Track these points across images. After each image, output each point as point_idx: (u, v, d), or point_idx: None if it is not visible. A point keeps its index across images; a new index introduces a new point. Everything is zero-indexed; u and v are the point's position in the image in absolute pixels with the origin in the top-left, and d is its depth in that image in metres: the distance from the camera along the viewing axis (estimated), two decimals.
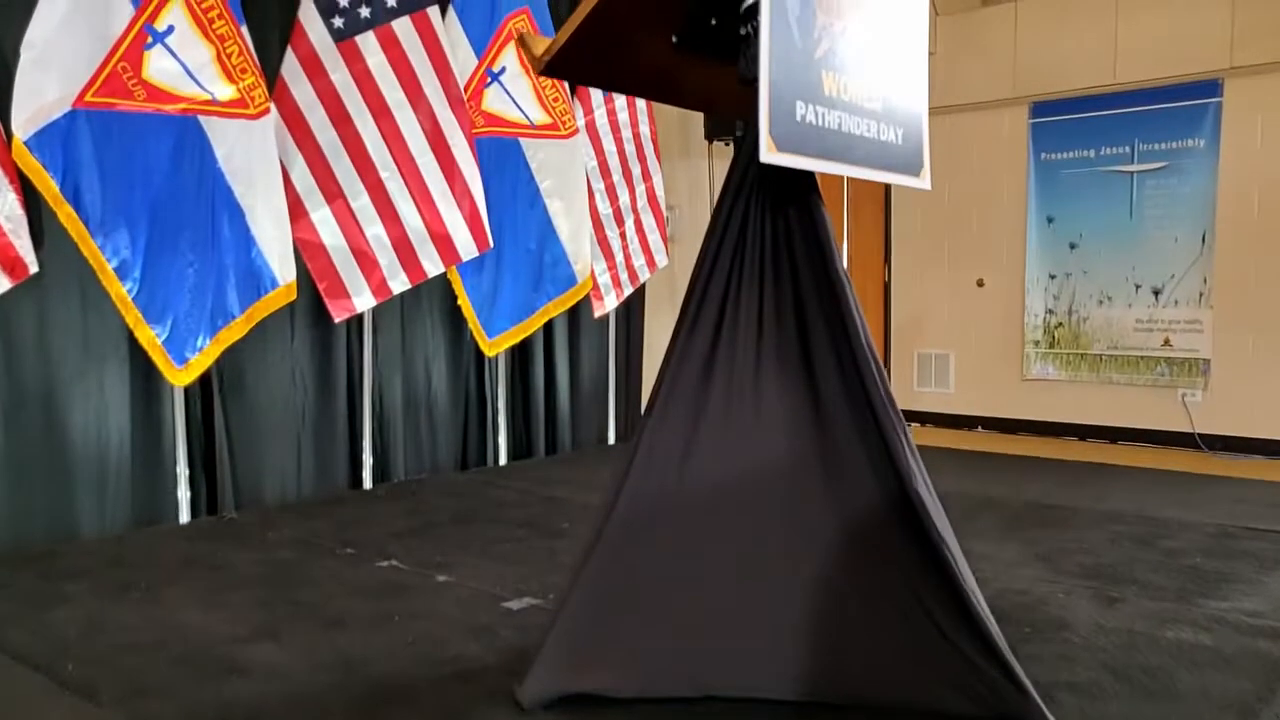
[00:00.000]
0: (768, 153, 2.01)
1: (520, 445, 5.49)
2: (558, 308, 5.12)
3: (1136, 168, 6.65)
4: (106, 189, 3.57)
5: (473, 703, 2.25)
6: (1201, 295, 6.44)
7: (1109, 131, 6.72)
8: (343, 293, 4.28)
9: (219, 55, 3.80)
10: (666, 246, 5.86)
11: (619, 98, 5.46)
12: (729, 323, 2.26)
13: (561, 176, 5.01)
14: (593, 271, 5.26)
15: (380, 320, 4.72)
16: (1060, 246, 6.98)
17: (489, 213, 4.61)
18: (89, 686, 2.36)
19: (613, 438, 5.96)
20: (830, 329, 2.25)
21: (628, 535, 2.26)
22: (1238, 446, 6.28)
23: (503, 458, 5.26)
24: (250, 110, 3.89)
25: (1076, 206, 6.89)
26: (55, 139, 3.47)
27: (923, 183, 2.45)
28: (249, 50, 3.86)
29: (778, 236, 2.28)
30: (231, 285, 3.92)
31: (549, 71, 2.28)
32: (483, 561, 3.34)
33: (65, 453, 3.75)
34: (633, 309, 6.08)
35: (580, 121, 5.13)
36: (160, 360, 3.72)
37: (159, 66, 3.68)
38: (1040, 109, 7.01)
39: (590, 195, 5.27)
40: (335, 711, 2.23)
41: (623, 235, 5.52)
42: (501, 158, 4.83)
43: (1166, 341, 6.60)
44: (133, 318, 3.66)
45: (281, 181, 4.01)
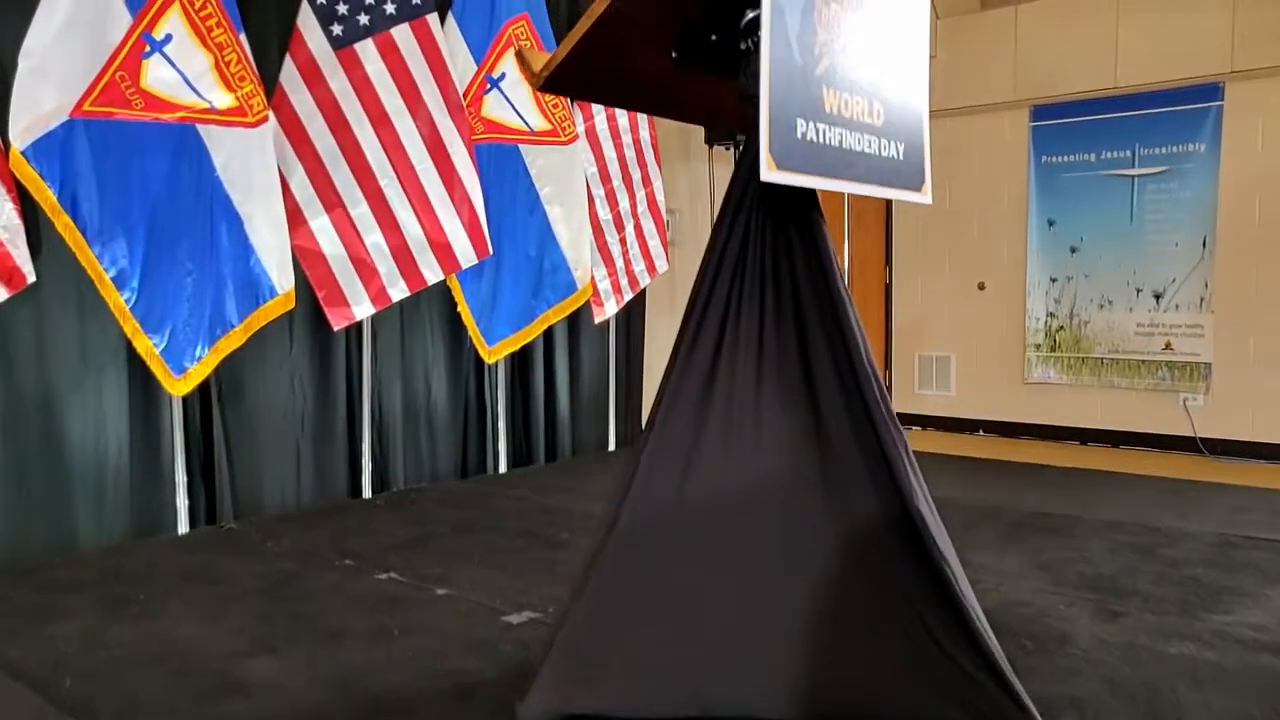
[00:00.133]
0: (768, 171, 1.99)
1: (520, 452, 5.47)
2: (558, 314, 5.11)
3: (1137, 171, 6.64)
4: (104, 198, 3.56)
5: None
6: (1203, 299, 6.43)
7: (1110, 135, 6.72)
8: (342, 301, 4.26)
9: (217, 63, 3.78)
10: (667, 251, 5.85)
11: None
12: (729, 339, 2.24)
13: (561, 183, 4.99)
14: (593, 277, 5.24)
15: (379, 327, 4.71)
16: (1061, 250, 6.97)
17: (489, 219, 4.59)
18: (86, 704, 2.35)
19: (613, 444, 5.95)
20: (831, 346, 2.24)
21: (627, 552, 2.25)
22: (1239, 450, 6.28)
23: (503, 465, 5.25)
24: (249, 118, 3.88)
25: (1077, 210, 6.88)
26: (53, 148, 3.46)
27: (924, 198, 2.44)
28: (247, 58, 3.85)
29: (778, 253, 2.26)
30: (230, 294, 3.91)
31: (547, 87, 2.27)
32: (482, 573, 3.33)
33: (64, 462, 3.74)
34: (633, 314, 6.06)
35: (580, 127, 5.12)
36: (158, 370, 3.71)
37: (157, 75, 3.67)
38: (1041, 112, 7.00)
39: (590, 201, 5.25)
40: None
41: (623, 241, 5.51)
42: (501, 164, 4.82)
43: (1168, 345, 6.59)
44: (130, 327, 3.64)
45: (280, 190, 4.00)
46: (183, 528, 3.92)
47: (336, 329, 4.33)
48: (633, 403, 6.15)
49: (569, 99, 5.04)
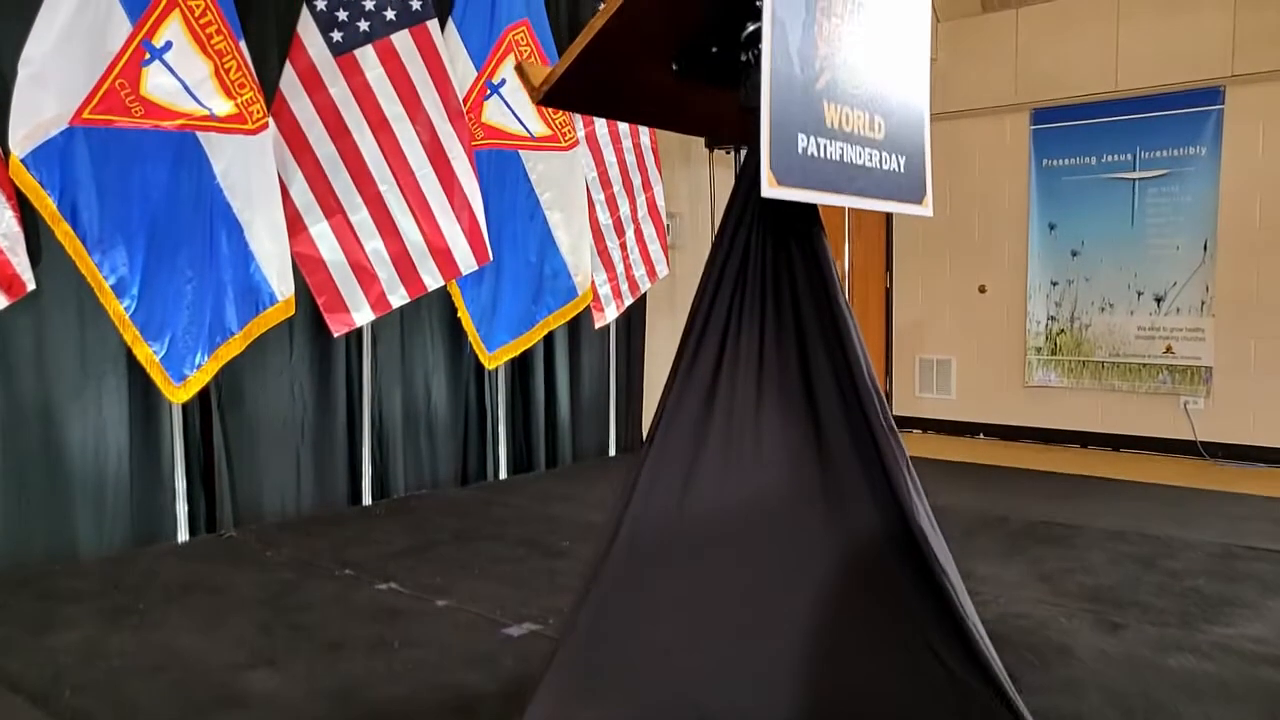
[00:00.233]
0: (769, 187, 1.98)
1: (520, 458, 5.46)
2: (558, 320, 5.10)
3: (1138, 175, 6.64)
4: (104, 206, 3.55)
5: None
6: (1203, 303, 6.43)
7: (1111, 138, 6.72)
8: (342, 307, 4.26)
9: (217, 70, 3.78)
10: (667, 256, 5.84)
11: None
12: (729, 355, 2.24)
13: (561, 188, 4.99)
14: (593, 282, 5.23)
15: (379, 333, 4.70)
16: (1062, 253, 6.97)
17: (489, 225, 4.58)
18: (86, 717, 2.34)
19: (613, 449, 5.94)
20: (832, 360, 2.24)
21: (628, 567, 2.24)
22: (1239, 454, 6.28)
23: (503, 471, 5.24)
24: (248, 125, 3.87)
25: (1078, 213, 6.88)
26: (52, 156, 3.45)
27: (925, 210, 2.43)
28: (247, 65, 3.84)
29: (779, 268, 2.25)
30: (230, 301, 3.90)
31: (547, 101, 2.25)
32: (482, 584, 3.33)
33: (64, 470, 3.73)
34: (633, 319, 6.05)
35: (580, 132, 5.11)
36: (158, 377, 3.70)
37: (157, 83, 3.66)
38: (1042, 115, 7.00)
39: (590, 206, 5.24)
40: None
41: (623, 246, 5.50)
42: (501, 170, 4.81)
43: (1168, 349, 6.59)
44: (130, 335, 3.64)
45: (280, 196, 3.99)
46: (182, 535, 3.92)
47: (336, 335, 4.32)
48: (633, 408, 6.14)
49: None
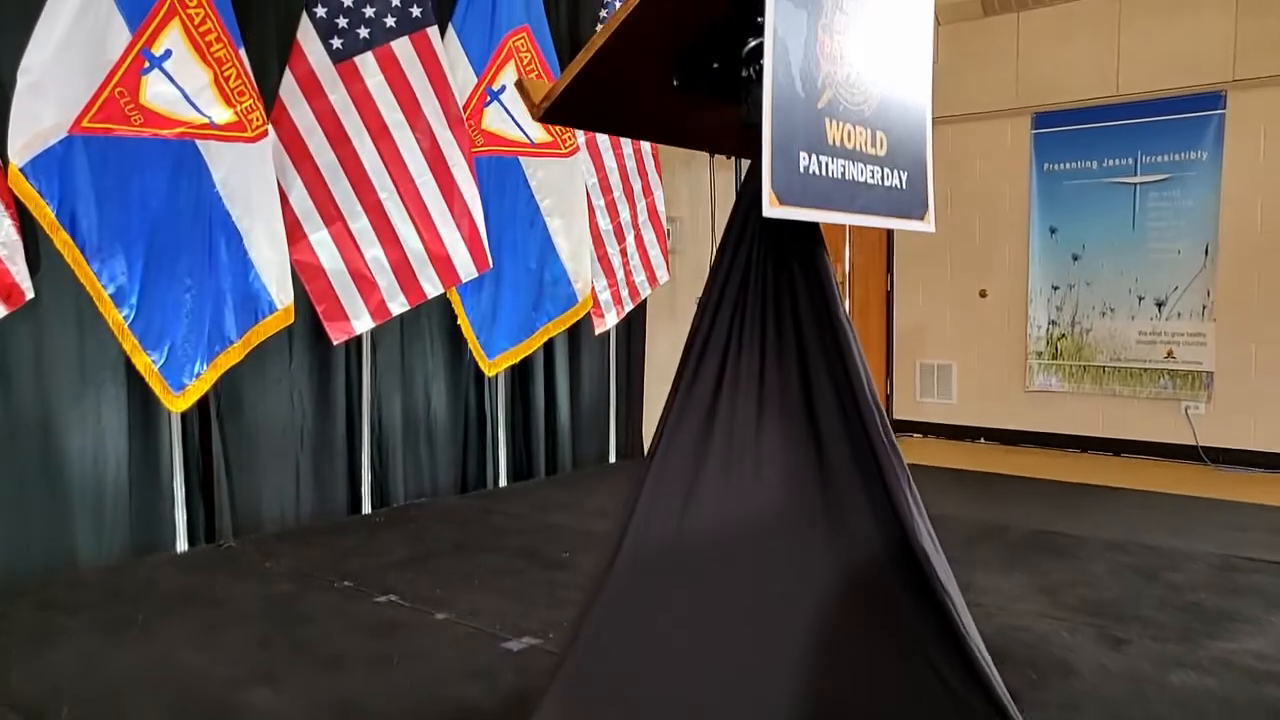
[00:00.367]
0: (770, 207, 1.97)
1: (520, 465, 5.45)
2: (558, 327, 5.09)
3: (1139, 179, 6.63)
4: (103, 215, 3.54)
5: None
6: (1205, 308, 6.43)
7: (1112, 143, 6.71)
8: (341, 315, 4.25)
9: (217, 78, 3.77)
10: (667, 262, 5.83)
11: None
12: (730, 374, 2.22)
13: (561, 195, 4.97)
14: (593, 288, 5.22)
15: (379, 340, 4.69)
16: (1063, 257, 6.96)
17: (489, 232, 4.57)
18: None
19: (613, 456, 5.93)
20: (833, 378, 2.23)
21: (629, 586, 2.23)
22: (1240, 460, 6.28)
23: (503, 478, 5.23)
24: (248, 133, 3.86)
25: (1079, 218, 6.88)
26: (51, 165, 3.44)
27: (927, 226, 2.42)
28: (246, 73, 3.83)
29: (780, 286, 2.24)
30: (229, 309, 3.89)
31: (547, 118, 2.24)
32: (482, 596, 3.32)
33: (63, 479, 3.72)
34: (633, 324, 6.04)
35: (580, 138, 5.10)
36: (157, 386, 3.69)
37: (156, 91, 3.65)
38: (1042, 119, 6.99)
39: (591, 212, 5.23)
40: None
41: (623, 252, 5.49)
42: (501, 177, 4.80)
43: (1169, 354, 6.59)
44: (129, 344, 3.63)
45: (279, 204, 3.98)
46: (182, 544, 3.91)
47: (336, 343, 4.31)
48: (633, 414, 6.13)
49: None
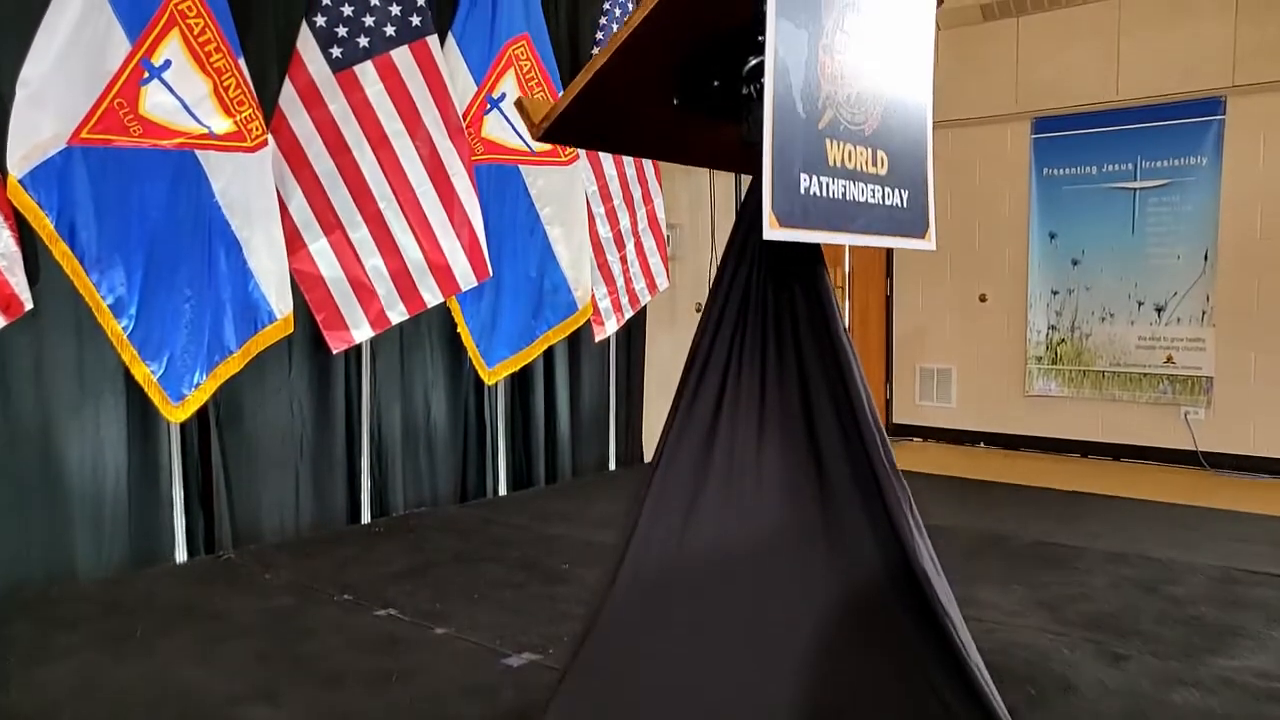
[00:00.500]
0: (770, 229, 1.97)
1: (520, 473, 5.44)
2: (558, 335, 5.09)
3: (1139, 185, 6.63)
4: (102, 226, 3.54)
5: None
6: (1204, 313, 6.42)
7: (1111, 148, 6.70)
8: (341, 324, 4.25)
9: (216, 88, 3.76)
10: (667, 269, 5.83)
11: None
12: (730, 394, 2.22)
13: (561, 203, 4.97)
14: (593, 296, 5.22)
15: (379, 348, 4.68)
16: (1063, 262, 6.96)
17: (489, 240, 4.57)
18: None
19: (613, 463, 5.92)
20: (834, 401, 2.22)
21: (629, 606, 2.23)
22: (1240, 465, 6.28)
23: (502, 486, 5.22)
24: (247, 143, 3.85)
25: (1079, 222, 6.87)
26: (50, 177, 3.43)
27: (928, 244, 2.41)
28: (246, 82, 3.82)
29: (780, 306, 2.24)
30: (228, 319, 3.89)
31: (547, 138, 2.23)
32: (482, 610, 3.31)
33: (62, 489, 3.71)
34: (633, 331, 6.03)
35: None
36: (156, 397, 3.69)
37: (155, 101, 3.64)
38: (1042, 124, 6.98)
39: (590, 219, 5.22)
40: None
41: (623, 259, 5.49)
42: (501, 185, 4.79)
43: (1169, 359, 6.58)
44: (128, 355, 3.62)
45: (279, 214, 3.97)
46: (181, 555, 3.90)
47: (335, 352, 4.31)
48: (633, 421, 6.13)
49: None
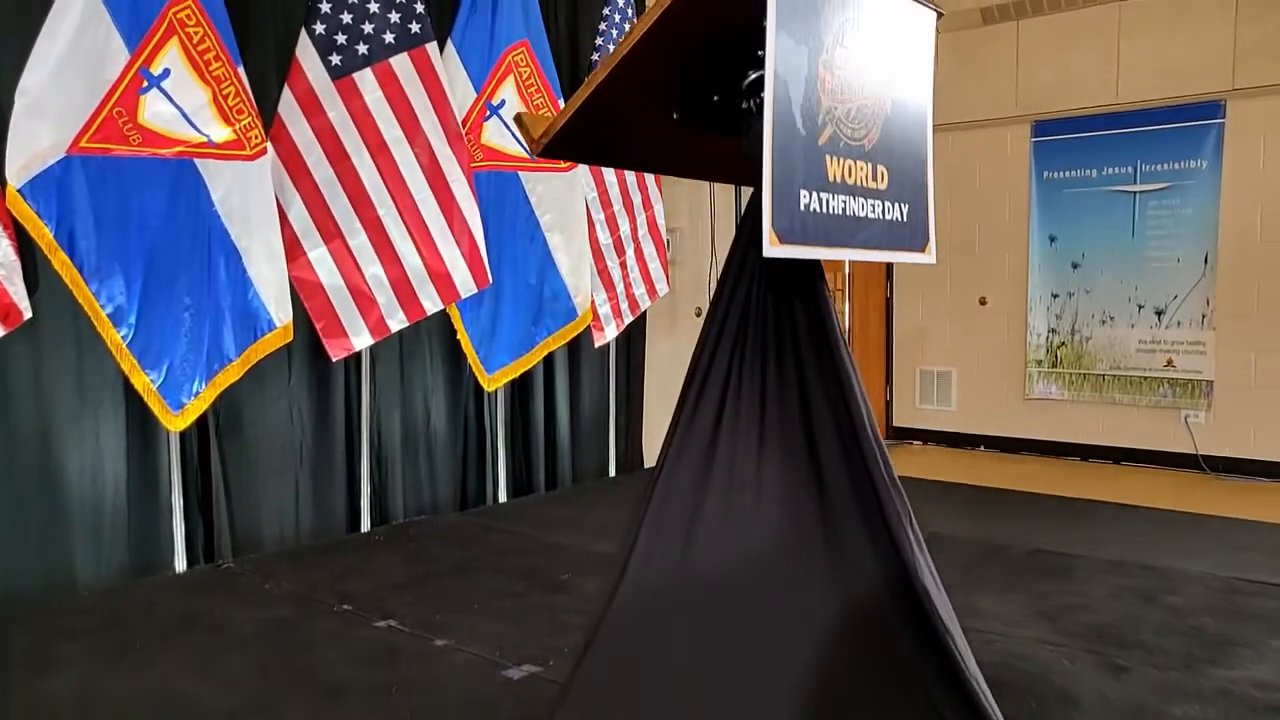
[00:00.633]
0: (770, 246, 1.96)
1: (520, 479, 5.43)
2: (558, 341, 5.08)
3: (1139, 188, 6.62)
4: (101, 235, 3.54)
5: None
6: (1204, 316, 6.42)
7: (1111, 151, 6.70)
8: (340, 332, 4.24)
9: (215, 97, 3.75)
10: (667, 274, 5.82)
11: None
12: (730, 408, 2.22)
13: (561, 210, 4.96)
14: (593, 302, 5.21)
15: (379, 355, 4.67)
16: (1063, 266, 6.95)
17: (488, 247, 4.56)
18: None
19: (613, 469, 5.91)
20: (834, 415, 2.22)
21: (630, 622, 2.23)
22: (1240, 468, 6.28)
23: (502, 493, 5.21)
24: (246, 151, 3.85)
25: (1079, 226, 6.87)
26: (49, 186, 3.43)
27: (928, 258, 2.41)
28: (245, 91, 3.82)
29: (780, 321, 2.24)
30: (228, 328, 3.89)
31: (547, 153, 2.23)
32: (482, 621, 3.30)
33: (61, 499, 3.71)
34: (633, 337, 6.02)
35: None
36: (156, 406, 3.69)
37: (155, 110, 3.64)
38: (1042, 128, 6.98)
39: (590, 225, 5.22)
40: None
41: (623, 265, 5.48)
42: (501, 192, 4.79)
43: (1169, 362, 6.58)
44: (128, 364, 3.62)
45: (278, 222, 3.97)
46: (180, 564, 3.90)
47: (335, 360, 4.30)
48: (633, 427, 6.12)
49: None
